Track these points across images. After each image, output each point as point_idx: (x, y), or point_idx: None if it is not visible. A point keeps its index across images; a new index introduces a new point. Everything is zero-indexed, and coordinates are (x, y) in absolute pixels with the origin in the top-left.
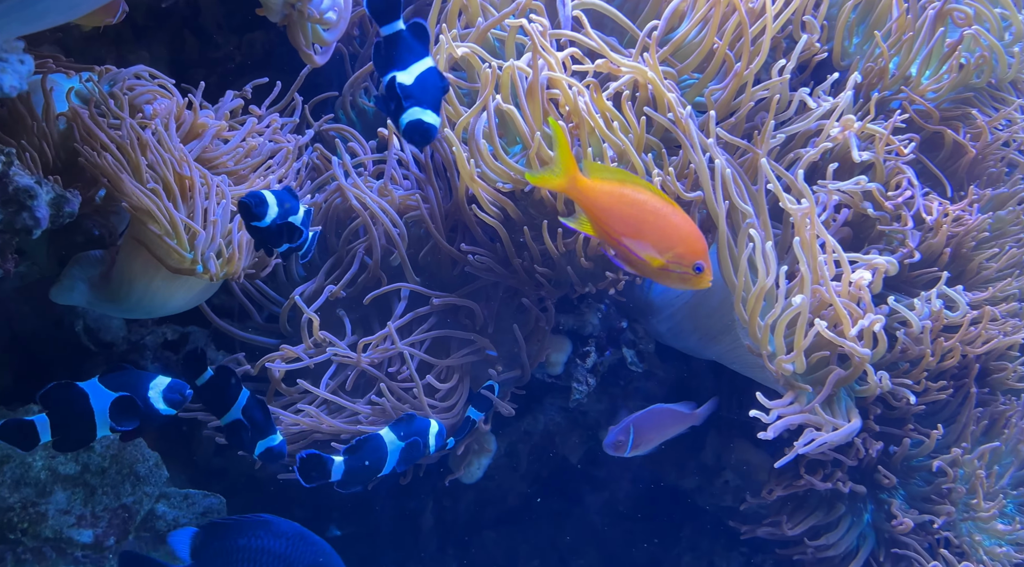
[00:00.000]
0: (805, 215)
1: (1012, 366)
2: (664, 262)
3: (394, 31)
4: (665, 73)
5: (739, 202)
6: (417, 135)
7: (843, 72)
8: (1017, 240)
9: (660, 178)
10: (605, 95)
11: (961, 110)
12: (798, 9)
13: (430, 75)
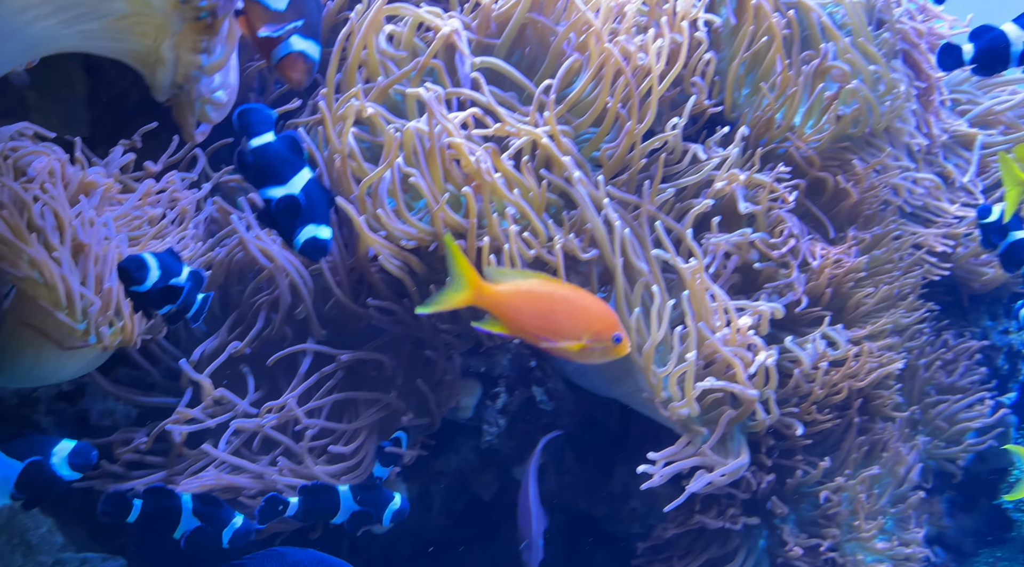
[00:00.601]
0: (694, 272)
1: (888, 394)
2: (584, 343)
3: (265, 143)
4: (563, 131)
5: (633, 259)
6: (315, 252)
7: (733, 123)
8: (890, 277)
9: (560, 242)
10: (506, 155)
11: (841, 156)
12: (689, 65)
13: (314, 188)
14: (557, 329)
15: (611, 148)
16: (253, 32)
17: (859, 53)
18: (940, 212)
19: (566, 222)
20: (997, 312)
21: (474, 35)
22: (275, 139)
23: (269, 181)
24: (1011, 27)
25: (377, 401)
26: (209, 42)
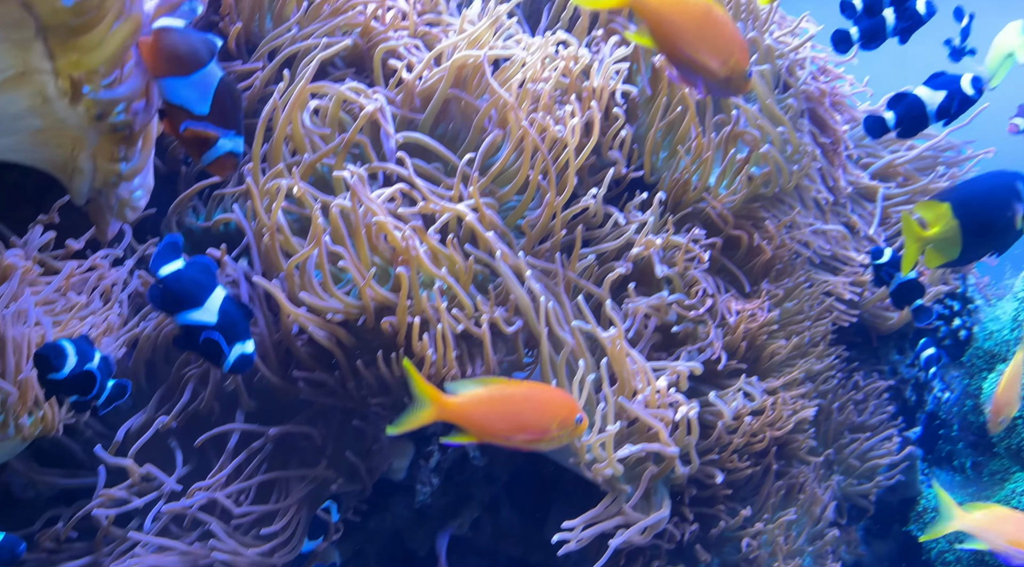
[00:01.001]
0: (614, 339)
1: (803, 438)
2: (551, 433)
3: (176, 271)
4: (487, 203)
5: (557, 330)
6: (243, 368)
7: (653, 185)
8: (802, 327)
9: (486, 317)
10: (432, 229)
11: (755, 214)
12: (608, 134)
13: (230, 307)
14: (525, 426)
15: (534, 219)
16: (178, 134)
17: (766, 118)
18: (847, 261)
19: (491, 293)
20: (904, 346)
21: (398, 110)
22: (185, 265)
23: (185, 306)
24: (923, 90)
25: (307, 475)
26: (127, 150)
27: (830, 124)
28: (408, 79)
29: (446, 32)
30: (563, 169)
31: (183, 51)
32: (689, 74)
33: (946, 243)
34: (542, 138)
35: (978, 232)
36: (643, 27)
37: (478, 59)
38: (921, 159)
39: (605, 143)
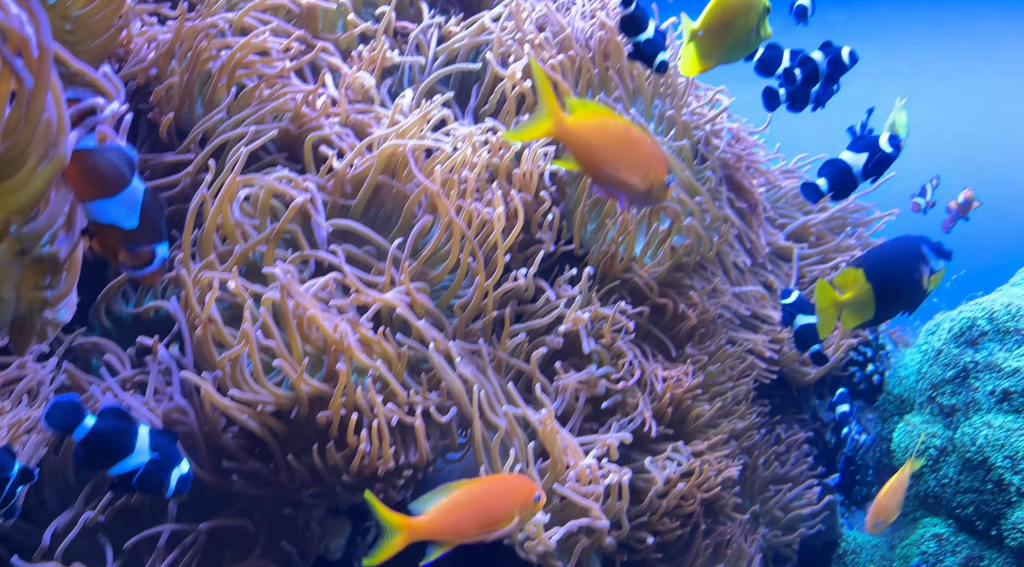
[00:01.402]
0: (544, 421)
1: (729, 496)
2: (516, 519)
3: (93, 430)
4: (419, 288)
5: (489, 414)
6: (184, 489)
7: (582, 257)
8: (724, 388)
9: (420, 406)
10: (365, 317)
11: (679, 282)
12: (537, 214)
13: (157, 439)
14: (493, 520)
15: (465, 301)
16: (109, 252)
17: (686, 191)
18: (767, 319)
19: (424, 379)
20: (823, 392)
21: (329, 197)
22: (98, 419)
23: (116, 458)
24: (847, 154)
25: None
26: (53, 278)
27: (747, 188)
28: (339, 168)
29: (378, 119)
30: (493, 250)
31: (107, 173)
32: (612, 190)
33: (861, 306)
34: (472, 223)
35: (890, 294)
36: (568, 154)
37: (408, 147)
38: (832, 220)
39: (535, 220)
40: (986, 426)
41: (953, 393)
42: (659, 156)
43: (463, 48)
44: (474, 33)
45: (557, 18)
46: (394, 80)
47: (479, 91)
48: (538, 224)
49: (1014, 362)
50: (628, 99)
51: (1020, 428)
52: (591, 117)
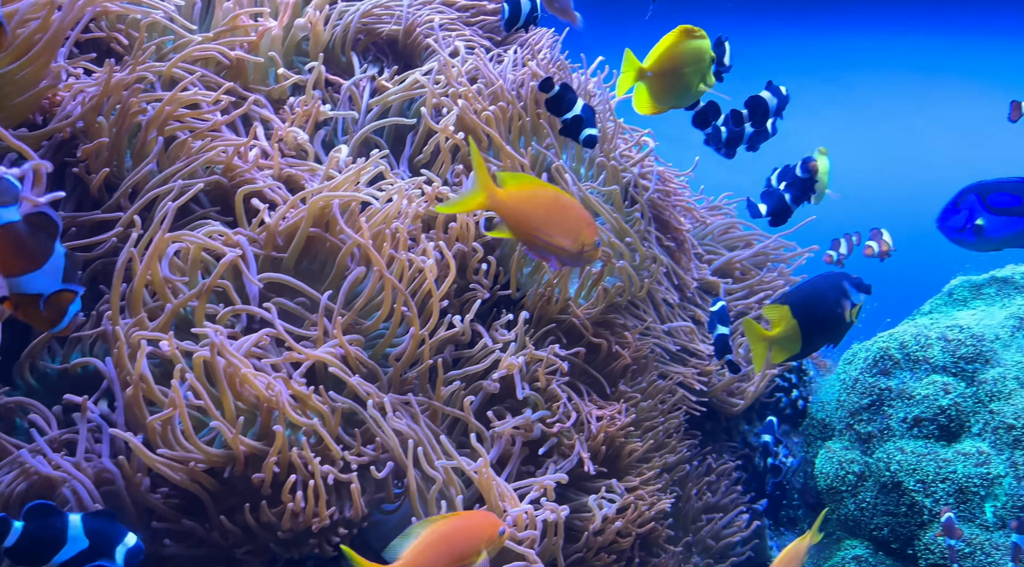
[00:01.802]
0: (479, 471)
1: (662, 528)
2: (484, 555)
3: (22, 534)
4: (352, 339)
5: (425, 467)
6: (137, 559)
7: (519, 301)
8: (656, 423)
9: (354, 463)
10: (298, 373)
11: (612, 322)
12: (473, 261)
13: (91, 523)
14: (463, 557)
15: (399, 352)
16: (32, 317)
17: (616, 235)
18: (696, 353)
19: (358, 434)
20: (752, 417)
21: (261, 251)
22: (22, 523)
23: (51, 553)
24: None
25: None
26: None
27: (674, 226)
28: (270, 222)
29: (313, 172)
30: (428, 298)
31: (32, 248)
32: (544, 253)
33: (788, 341)
34: (404, 273)
35: (815, 328)
36: (502, 224)
37: (342, 200)
38: (757, 256)
39: (470, 267)
40: (899, 452)
41: (869, 420)
42: (588, 220)
43: (397, 101)
44: (406, 88)
45: (488, 70)
46: (328, 130)
47: (414, 140)
48: (473, 271)
49: (923, 390)
50: (559, 146)
51: (930, 453)
52: (522, 188)
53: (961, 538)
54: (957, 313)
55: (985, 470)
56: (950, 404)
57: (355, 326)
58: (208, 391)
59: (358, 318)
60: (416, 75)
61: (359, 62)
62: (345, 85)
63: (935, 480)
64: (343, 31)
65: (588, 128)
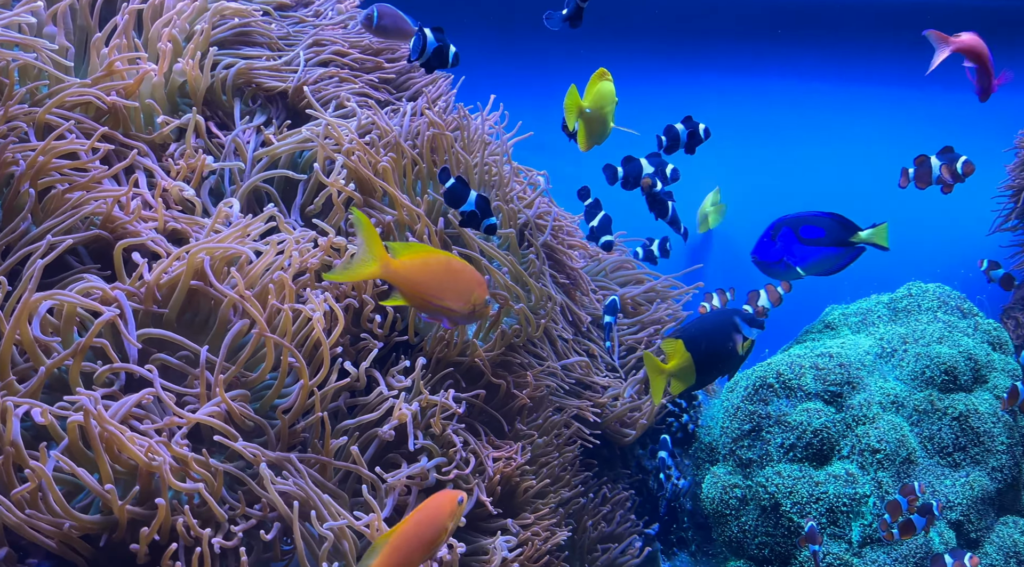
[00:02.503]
0: (371, 524)
1: (557, 562)
2: (450, 528)
3: None
4: (238, 395)
5: (315, 524)
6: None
7: (417, 344)
8: (551, 458)
9: (238, 530)
10: (179, 435)
11: (510, 361)
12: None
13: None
14: (434, 542)
15: (287, 404)
16: None
17: (512, 277)
18: (591, 385)
19: (242, 497)
20: (645, 441)
21: (141, 306)
22: None
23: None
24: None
25: None
26: None
27: (568, 265)
28: (149, 278)
29: (200, 226)
30: (318, 347)
31: None
32: (437, 315)
33: (684, 373)
34: (288, 325)
35: (707, 362)
36: (396, 293)
37: (225, 253)
38: (648, 292)
39: (364, 316)
40: (777, 476)
41: (750, 446)
42: (478, 280)
43: (285, 152)
44: (295, 143)
45: (382, 120)
46: (215, 179)
47: (306, 188)
48: (367, 321)
49: (797, 417)
50: None
51: (804, 476)
52: (414, 257)
53: (821, 545)
54: (829, 342)
55: (853, 490)
56: (821, 429)
57: (241, 378)
58: (84, 455)
59: (244, 371)
60: (305, 133)
61: (241, 109)
62: (229, 138)
63: (809, 502)
64: (226, 78)
65: (486, 220)
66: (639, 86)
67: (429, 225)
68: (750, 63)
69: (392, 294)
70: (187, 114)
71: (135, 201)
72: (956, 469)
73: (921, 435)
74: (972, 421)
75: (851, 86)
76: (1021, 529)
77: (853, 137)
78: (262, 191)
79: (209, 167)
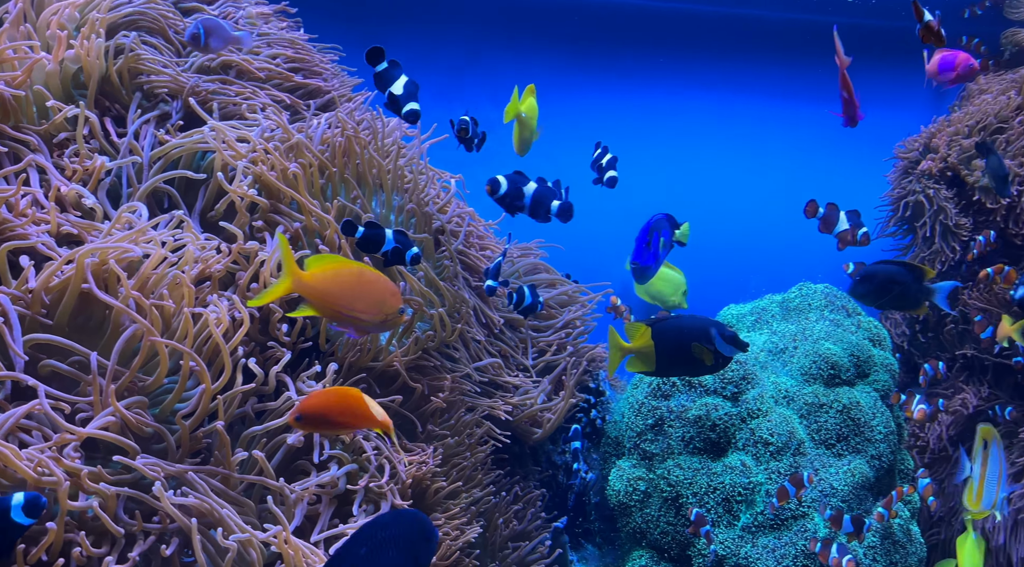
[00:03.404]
0: (278, 535)
1: (468, 560)
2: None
3: None
4: (135, 402)
5: (220, 538)
6: None
7: (328, 352)
8: (463, 458)
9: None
10: (71, 446)
11: (424, 364)
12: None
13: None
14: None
15: (188, 410)
16: None
17: (426, 283)
18: (503, 385)
19: (139, 516)
20: (556, 437)
21: (28, 311)
22: None
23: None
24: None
25: None
26: None
27: (480, 268)
28: (35, 284)
29: (97, 230)
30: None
31: None
32: (347, 325)
33: (644, 356)
34: (191, 326)
35: (670, 356)
36: (304, 304)
37: (120, 254)
38: (560, 297)
39: (272, 323)
40: (677, 467)
41: (653, 440)
42: (391, 290)
43: (184, 153)
44: (192, 142)
45: (287, 126)
46: (112, 179)
47: (206, 192)
48: (276, 328)
49: (697, 411)
50: (369, 195)
51: (702, 468)
52: (325, 269)
53: (708, 525)
54: None
55: (747, 480)
56: (719, 422)
57: (139, 383)
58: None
59: (142, 375)
60: (203, 134)
61: (140, 105)
62: (125, 141)
63: (707, 492)
64: (124, 68)
65: (409, 252)
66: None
67: (339, 231)
68: (637, 74)
69: (300, 305)
70: (82, 104)
71: (26, 198)
72: (840, 458)
73: (809, 427)
74: (854, 413)
75: (736, 96)
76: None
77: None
78: (162, 193)
79: (105, 168)
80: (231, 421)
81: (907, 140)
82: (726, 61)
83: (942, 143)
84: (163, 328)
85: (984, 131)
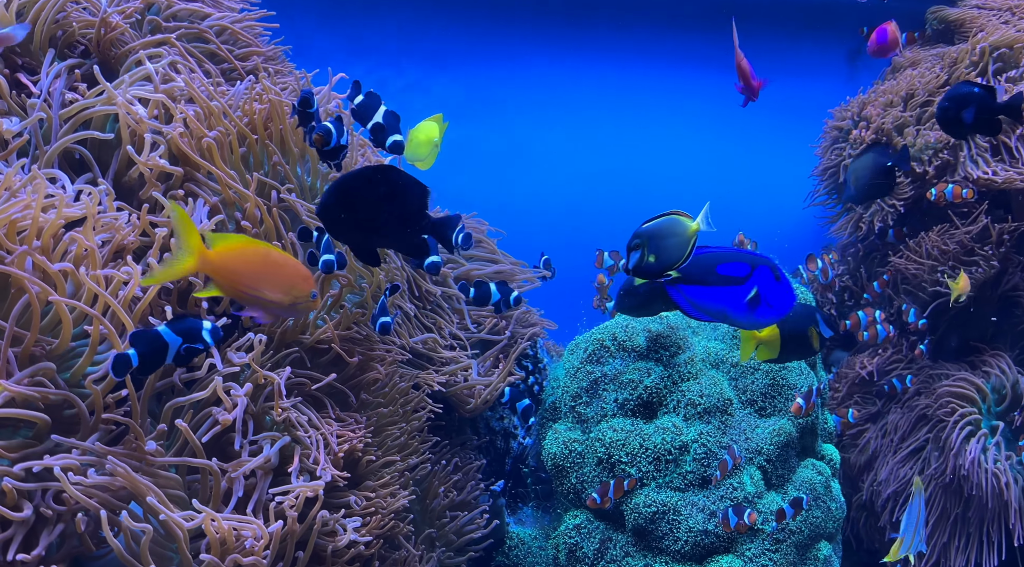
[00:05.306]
0: (205, 519)
1: (403, 525)
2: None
3: None
4: (39, 370)
5: (130, 520)
6: None
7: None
8: (398, 429)
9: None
10: None
11: (355, 335)
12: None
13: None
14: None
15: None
16: None
17: None
18: (437, 358)
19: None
20: (495, 405)
21: None
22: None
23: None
24: None
25: None
26: None
27: None
28: None
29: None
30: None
31: None
32: (255, 307)
33: (771, 344)
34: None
35: (788, 341)
36: (211, 284)
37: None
38: (498, 273)
39: (192, 300)
40: (611, 430)
41: (587, 403)
42: (303, 275)
43: (97, 114)
44: (103, 102)
45: (205, 89)
46: (22, 140)
47: (119, 156)
48: (195, 304)
49: (629, 375)
50: (293, 162)
51: (635, 430)
52: (231, 248)
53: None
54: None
55: (678, 441)
56: (652, 385)
57: (47, 348)
58: None
59: (49, 338)
60: (115, 98)
61: (53, 59)
62: (40, 99)
63: (639, 453)
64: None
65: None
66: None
67: (260, 205)
68: (557, 46)
69: (207, 285)
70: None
71: None
72: (766, 418)
73: (737, 387)
74: (780, 373)
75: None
76: (817, 469)
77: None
78: (75, 155)
79: (10, 132)
80: (157, 391)
81: (837, 109)
82: (636, 30)
83: (875, 113)
84: (71, 293)
85: (913, 99)
